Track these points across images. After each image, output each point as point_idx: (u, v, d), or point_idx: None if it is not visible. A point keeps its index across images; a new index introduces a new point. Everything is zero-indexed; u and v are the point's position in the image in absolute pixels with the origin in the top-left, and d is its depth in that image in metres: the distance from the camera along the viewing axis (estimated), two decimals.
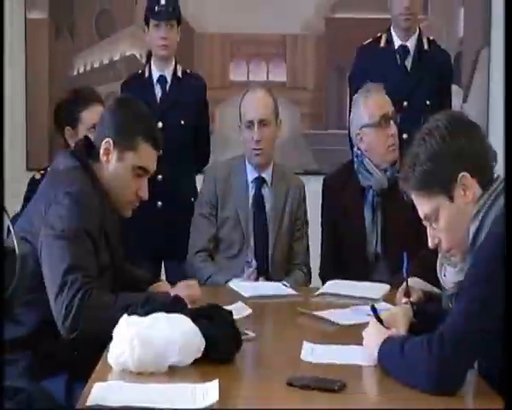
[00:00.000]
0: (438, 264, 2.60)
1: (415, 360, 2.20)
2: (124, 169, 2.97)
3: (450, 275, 2.54)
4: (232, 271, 3.79)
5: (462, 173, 2.31)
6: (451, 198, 2.34)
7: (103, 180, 2.99)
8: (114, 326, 2.36)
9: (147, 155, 3.01)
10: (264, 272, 3.80)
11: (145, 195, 3.06)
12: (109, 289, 2.89)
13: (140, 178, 3.02)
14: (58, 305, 2.71)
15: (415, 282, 3.04)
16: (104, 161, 2.97)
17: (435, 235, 2.42)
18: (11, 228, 1.83)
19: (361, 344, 2.47)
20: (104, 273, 2.93)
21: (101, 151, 2.96)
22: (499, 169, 2.46)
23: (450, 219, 2.36)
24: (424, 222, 2.44)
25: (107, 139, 2.96)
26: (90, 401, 2.07)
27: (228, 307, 2.70)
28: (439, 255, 2.54)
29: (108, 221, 2.98)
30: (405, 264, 3.22)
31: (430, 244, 2.47)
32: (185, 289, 2.97)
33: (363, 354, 2.44)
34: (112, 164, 2.97)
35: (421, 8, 4.50)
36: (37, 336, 2.81)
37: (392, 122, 3.67)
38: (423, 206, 2.40)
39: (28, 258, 2.15)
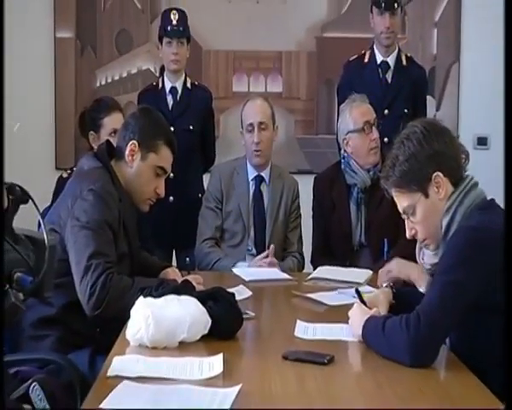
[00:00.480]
0: (417, 249, 2.59)
1: (394, 337, 2.19)
2: (146, 167, 3.00)
3: (427, 257, 2.53)
4: (236, 257, 3.78)
5: (436, 173, 2.32)
6: (426, 195, 2.34)
7: (125, 178, 3.01)
8: (132, 306, 2.36)
9: (166, 157, 3.06)
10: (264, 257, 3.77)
11: (162, 193, 3.10)
12: (127, 273, 2.89)
13: (159, 178, 3.05)
14: (83, 286, 2.72)
15: (398, 261, 3.02)
16: (129, 160, 2.99)
17: (412, 227, 2.42)
18: (41, 221, 1.81)
19: (347, 323, 2.45)
20: (123, 260, 2.93)
21: (127, 152, 2.99)
22: (473, 167, 2.49)
23: (425, 213, 2.36)
24: (403, 215, 2.44)
25: (132, 142, 2.98)
26: (110, 372, 2.08)
27: (231, 290, 2.70)
28: (418, 241, 2.54)
29: (127, 214, 2.98)
30: (386, 251, 3.21)
31: (408, 235, 2.47)
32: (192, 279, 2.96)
33: (349, 332, 2.43)
34: (136, 163, 2.99)
35: (399, 28, 4.48)
36: (65, 315, 2.81)
37: (374, 128, 3.66)
38: (402, 201, 2.40)
39: (57, 247, 2.15)
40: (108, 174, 2.96)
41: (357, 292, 2.66)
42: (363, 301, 2.50)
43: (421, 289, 2.75)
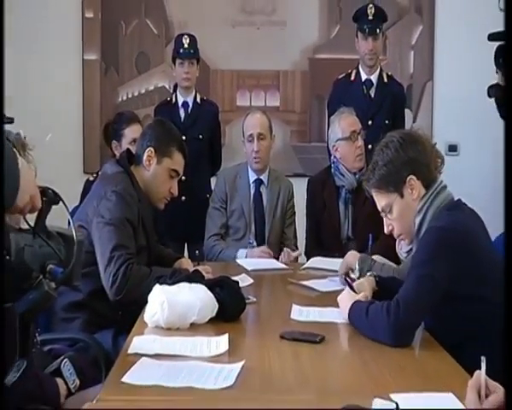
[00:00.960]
0: (397, 241, 2.60)
1: (376, 322, 2.20)
2: (161, 170, 3.02)
3: (404, 247, 2.55)
4: (236, 249, 3.76)
5: (410, 176, 2.33)
6: (402, 195, 2.36)
7: (143, 181, 3.01)
8: (149, 292, 2.36)
9: (179, 161, 3.07)
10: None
11: (175, 192, 3.11)
12: (145, 264, 2.90)
13: (172, 179, 3.07)
14: (107, 275, 2.73)
15: (377, 257, 3.02)
16: (147, 165, 3.00)
17: (389, 223, 2.44)
18: (71, 219, 1.81)
19: (337, 306, 2.45)
20: (141, 252, 2.93)
21: (145, 157, 3.00)
22: (445, 171, 2.49)
23: (400, 212, 2.38)
24: (381, 213, 2.45)
25: (149, 149, 3.00)
26: (130, 350, 2.08)
27: (235, 278, 2.69)
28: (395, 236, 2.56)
29: (144, 212, 2.98)
30: (370, 243, 3.21)
31: (386, 230, 2.48)
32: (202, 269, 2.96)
33: (338, 314, 2.42)
34: (152, 167, 3.00)
35: (381, 50, 4.48)
36: (91, 300, 2.81)
37: (359, 137, 3.65)
38: (380, 200, 2.41)
39: (84, 241, 2.15)
40: (129, 178, 2.97)
41: (346, 280, 2.68)
42: (351, 287, 2.50)
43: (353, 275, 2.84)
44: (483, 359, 1.48)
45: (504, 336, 1.35)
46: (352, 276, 2.87)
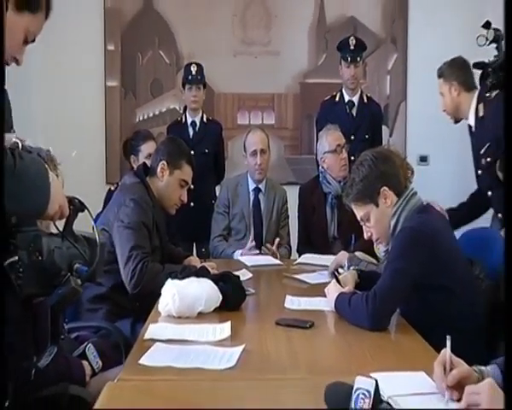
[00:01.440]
0: (375, 244, 2.60)
1: (357, 309, 2.21)
2: (173, 180, 3.03)
3: (382, 247, 2.54)
4: (239, 248, 3.73)
5: (383, 188, 2.34)
6: (377, 205, 2.36)
7: (157, 190, 3.02)
8: (162, 286, 2.36)
9: (188, 172, 3.08)
10: (260, 249, 3.75)
11: (185, 200, 3.13)
12: (158, 261, 2.90)
13: (182, 188, 3.08)
14: (126, 271, 2.74)
15: (359, 254, 3.03)
16: (160, 176, 3.01)
17: (368, 230, 2.44)
18: (94, 225, 1.82)
19: (324, 296, 2.45)
20: (155, 251, 2.93)
21: (159, 170, 3.02)
22: (417, 179, 2.50)
23: (376, 219, 2.38)
24: (360, 222, 2.46)
25: (162, 162, 3.01)
26: (146, 336, 2.08)
27: (236, 273, 2.69)
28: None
29: (158, 217, 2.99)
30: (353, 243, 3.21)
31: (365, 236, 2.50)
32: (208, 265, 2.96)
33: (326, 303, 2.42)
34: (165, 178, 3.02)
35: (361, 75, 4.48)
36: (113, 293, 2.82)
37: (343, 150, 3.65)
38: (359, 211, 2.43)
39: (106, 243, 2.17)
40: (144, 187, 2.98)
41: (334, 274, 2.69)
42: (337, 280, 2.50)
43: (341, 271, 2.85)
44: (448, 338, 1.48)
45: (504, 335, 1.29)
46: (341, 271, 2.87)
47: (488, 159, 3.27)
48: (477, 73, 3.46)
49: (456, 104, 3.35)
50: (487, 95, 3.92)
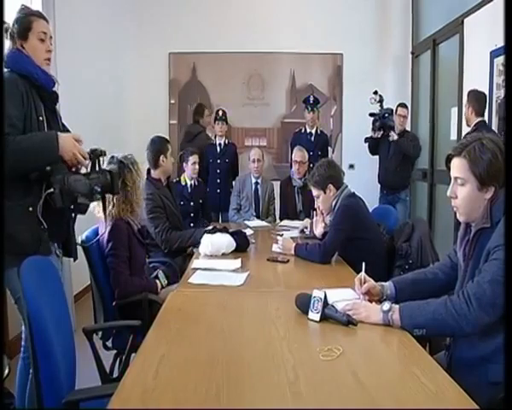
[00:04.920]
0: (314, 222, 2.55)
1: (313, 251, 2.19)
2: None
3: (319, 229, 2.49)
4: (245, 217, 3.68)
5: (329, 184, 2.30)
6: (325, 192, 2.32)
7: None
8: (185, 243, 2.43)
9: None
10: (259, 217, 3.70)
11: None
12: (176, 218, 2.78)
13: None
14: (158, 240, 2.63)
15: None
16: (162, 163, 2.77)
17: (318, 205, 2.40)
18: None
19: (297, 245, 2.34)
20: (172, 215, 2.74)
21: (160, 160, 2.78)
22: (348, 179, 2.41)
23: (323, 200, 2.34)
24: (315, 198, 2.40)
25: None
26: (192, 266, 2.05)
27: (244, 230, 2.65)
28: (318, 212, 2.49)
29: (165, 194, 2.73)
30: (312, 213, 3.16)
31: (316, 207, 2.45)
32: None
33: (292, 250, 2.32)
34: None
35: (317, 118, 4.36)
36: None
37: (300, 163, 3.57)
38: (314, 192, 2.37)
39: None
40: (150, 183, 2.69)
41: (302, 231, 2.75)
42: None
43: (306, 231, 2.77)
44: (363, 264, 1.49)
45: (505, 335, 1.10)
46: (305, 231, 2.85)
47: None
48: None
49: (468, 117, 3.01)
50: (375, 134, 3.97)
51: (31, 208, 1.52)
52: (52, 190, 1.53)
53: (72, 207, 1.60)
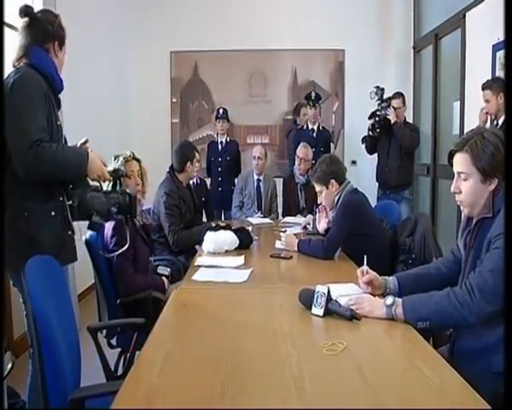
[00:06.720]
0: (317, 219, 2.58)
1: (316, 247, 2.18)
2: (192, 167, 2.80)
3: (322, 224, 2.53)
4: (247, 214, 3.69)
5: (331, 179, 2.30)
6: (327, 188, 2.32)
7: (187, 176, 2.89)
8: (193, 243, 2.43)
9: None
10: (261, 213, 3.72)
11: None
12: (190, 219, 2.81)
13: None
14: (169, 237, 2.66)
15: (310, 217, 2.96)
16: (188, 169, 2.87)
17: (321, 200, 2.40)
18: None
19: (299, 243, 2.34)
20: (186, 214, 2.79)
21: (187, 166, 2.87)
22: (350, 175, 2.41)
23: (326, 196, 2.34)
24: (318, 194, 2.40)
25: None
26: (196, 263, 2.06)
27: (247, 228, 2.63)
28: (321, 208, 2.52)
29: (184, 195, 2.81)
30: (314, 208, 3.16)
31: (319, 202, 2.45)
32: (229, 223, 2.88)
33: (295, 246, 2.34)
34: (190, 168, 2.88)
35: (319, 114, 4.37)
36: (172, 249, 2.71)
37: (303, 161, 3.56)
38: (317, 187, 2.38)
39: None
40: (172, 180, 2.79)
41: (305, 227, 2.73)
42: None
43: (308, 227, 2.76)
44: (365, 256, 1.51)
45: (505, 335, 1.09)
46: (308, 227, 2.83)
47: None
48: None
49: (500, 108, 2.64)
50: (370, 133, 3.90)
51: (53, 213, 1.52)
52: (71, 202, 1.54)
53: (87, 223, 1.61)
